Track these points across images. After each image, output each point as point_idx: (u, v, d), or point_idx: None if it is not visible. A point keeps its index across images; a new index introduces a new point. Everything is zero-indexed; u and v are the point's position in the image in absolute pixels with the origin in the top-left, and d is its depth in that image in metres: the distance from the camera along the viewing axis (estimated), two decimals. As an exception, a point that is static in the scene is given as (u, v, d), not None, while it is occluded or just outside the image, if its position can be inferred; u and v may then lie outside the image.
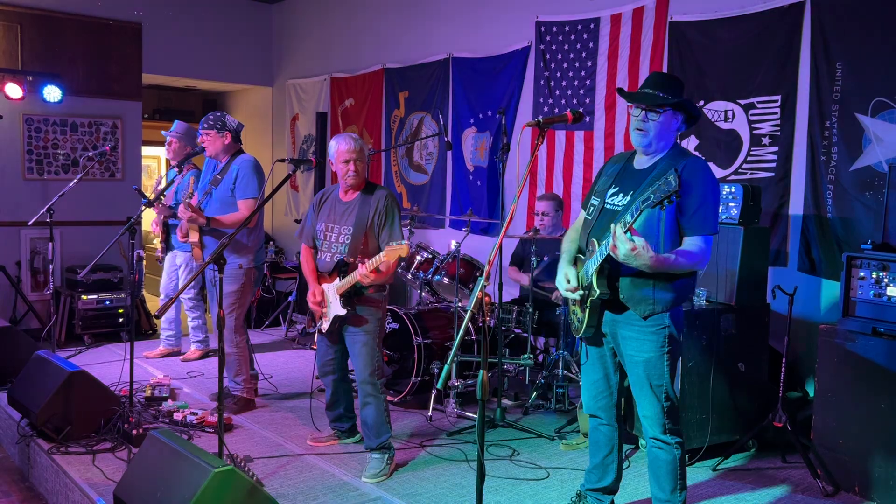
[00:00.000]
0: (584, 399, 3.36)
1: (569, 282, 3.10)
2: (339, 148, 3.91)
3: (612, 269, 2.95)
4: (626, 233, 2.75)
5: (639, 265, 2.82)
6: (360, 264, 3.75)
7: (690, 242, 2.93)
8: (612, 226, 2.80)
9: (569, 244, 3.26)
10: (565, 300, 4.84)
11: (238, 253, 4.68)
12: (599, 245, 2.94)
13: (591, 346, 3.22)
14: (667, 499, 3.11)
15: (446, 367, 2.41)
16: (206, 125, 4.78)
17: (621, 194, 3.06)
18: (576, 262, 3.17)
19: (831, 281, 4.40)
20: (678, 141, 3.15)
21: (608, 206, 3.07)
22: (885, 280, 3.62)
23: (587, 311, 3.05)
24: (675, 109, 3.01)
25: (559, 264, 3.22)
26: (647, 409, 3.07)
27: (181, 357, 6.14)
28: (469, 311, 2.42)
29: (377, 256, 3.69)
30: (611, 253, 2.81)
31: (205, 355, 6.16)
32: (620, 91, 3.16)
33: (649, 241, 2.87)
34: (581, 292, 3.06)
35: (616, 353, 3.18)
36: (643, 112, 2.99)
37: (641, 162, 3.09)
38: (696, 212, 2.91)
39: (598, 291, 2.96)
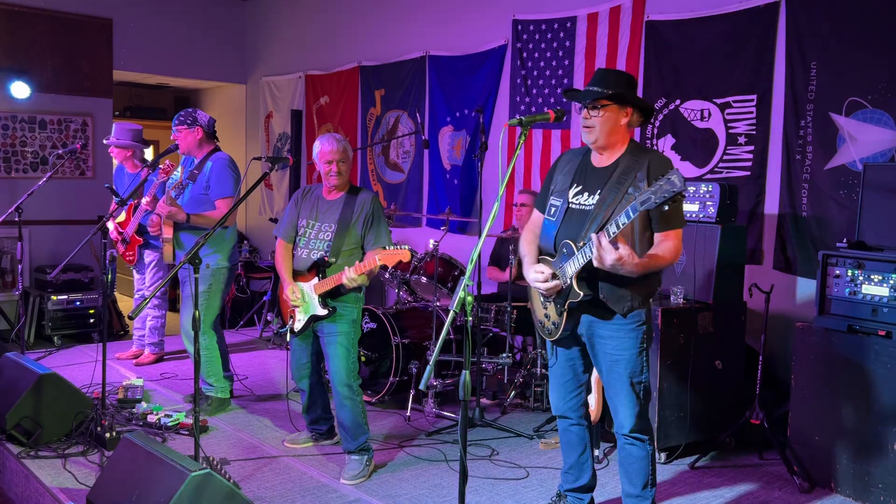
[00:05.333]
0: (552, 400, 3.35)
1: (542, 273, 3.01)
2: (321, 148, 3.89)
3: (591, 272, 2.93)
4: (611, 242, 2.74)
5: (625, 272, 2.82)
6: (346, 267, 3.71)
7: (662, 239, 2.94)
8: (593, 235, 2.78)
9: (529, 246, 3.22)
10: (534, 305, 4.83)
11: (211, 252, 4.62)
12: (578, 248, 2.91)
13: (562, 349, 3.21)
14: (638, 494, 3.13)
15: (429, 367, 2.38)
16: (177, 121, 4.73)
17: (587, 193, 3.03)
18: (540, 262, 3.12)
19: (806, 279, 4.44)
20: (634, 137, 3.14)
21: (574, 206, 3.04)
22: (861, 278, 3.66)
23: (564, 314, 3.02)
24: (621, 104, 3.00)
25: (524, 267, 3.18)
26: (624, 407, 3.07)
27: (134, 361, 6.00)
28: (452, 312, 2.40)
29: (370, 259, 3.64)
30: (595, 263, 2.79)
31: (159, 359, 6.05)
32: (565, 92, 3.22)
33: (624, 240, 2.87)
34: (556, 282, 3.00)
35: (587, 354, 3.17)
36: (586, 109, 3.02)
37: (600, 160, 3.07)
38: (666, 208, 2.88)
39: (580, 294, 2.93)
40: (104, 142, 6.04)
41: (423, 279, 5.20)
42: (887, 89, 4.09)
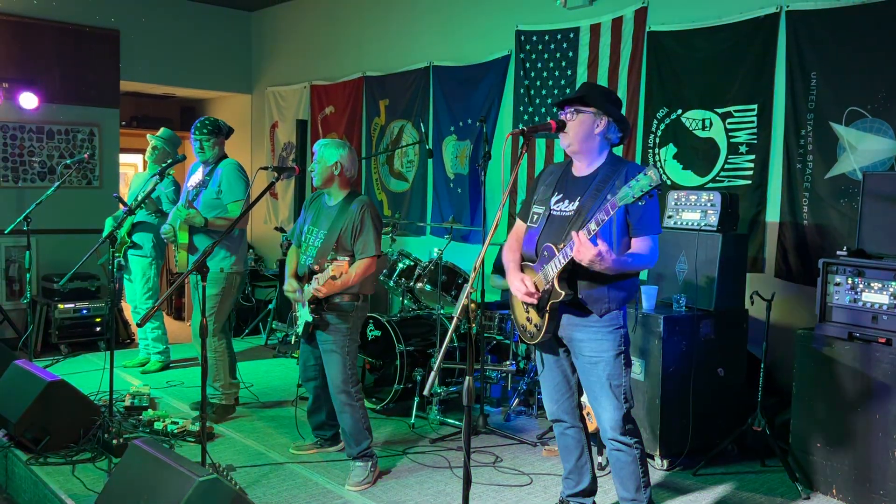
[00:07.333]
0: (546, 406, 3.38)
1: (526, 286, 3.08)
2: None
3: (571, 272, 2.99)
4: (590, 238, 2.81)
5: (601, 269, 2.88)
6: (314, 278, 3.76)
7: (640, 243, 3.01)
8: (574, 233, 2.85)
9: (512, 254, 3.26)
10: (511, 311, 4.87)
11: (227, 255, 4.69)
12: (559, 249, 2.97)
13: (547, 353, 3.26)
14: (632, 498, 3.15)
15: (433, 374, 2.42)
16: (205, 131, 4.86)
17: (567, 200, 3.11)
18: (523, 269, 3.17)
19: (807, 286, 4.47)
20: (612, 150, 3.20)
21: (555, 213, 3.13)
22: (861, 286, 3.69)
23: (546, 316, 3.07)
24: (597, 113, 3.07)
25: (507, 274, 3.22)
26: (607, 412, 3.10)
27: (141, 369, 6.06)
28: (455, 318, 2.43)
29: (326, 270, 3.69)
30: (574, 258, 2.84)
31: (165, 367, 6.10)
32: (555, 105, 3.33)
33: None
34: (540, 296, 3.06)
35: (570, 357, 3.21)
36: (566, 115, 3.10)
37: (580, 169, 3.16)
38: (643, 214, 3.00)
39: (561, 294, 2.99)
40: (146, 137, 6.13)
41: (428, 287, 5.23)
42: (887, 99, 4.13)
